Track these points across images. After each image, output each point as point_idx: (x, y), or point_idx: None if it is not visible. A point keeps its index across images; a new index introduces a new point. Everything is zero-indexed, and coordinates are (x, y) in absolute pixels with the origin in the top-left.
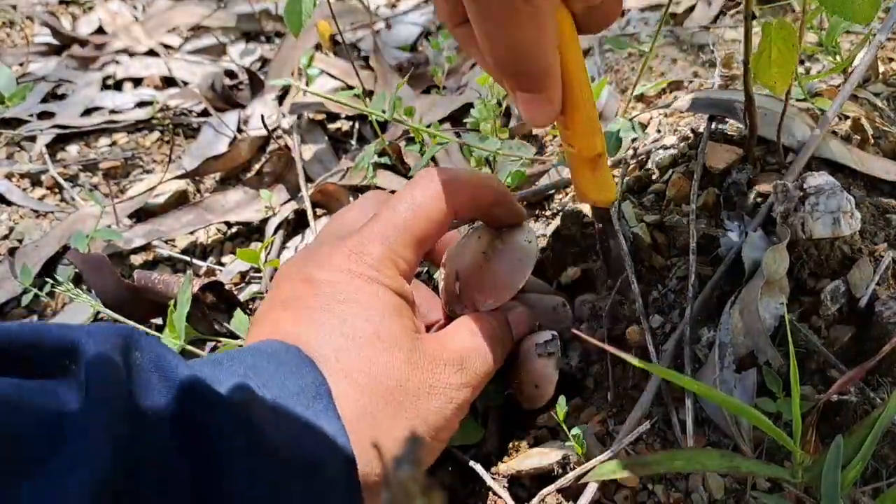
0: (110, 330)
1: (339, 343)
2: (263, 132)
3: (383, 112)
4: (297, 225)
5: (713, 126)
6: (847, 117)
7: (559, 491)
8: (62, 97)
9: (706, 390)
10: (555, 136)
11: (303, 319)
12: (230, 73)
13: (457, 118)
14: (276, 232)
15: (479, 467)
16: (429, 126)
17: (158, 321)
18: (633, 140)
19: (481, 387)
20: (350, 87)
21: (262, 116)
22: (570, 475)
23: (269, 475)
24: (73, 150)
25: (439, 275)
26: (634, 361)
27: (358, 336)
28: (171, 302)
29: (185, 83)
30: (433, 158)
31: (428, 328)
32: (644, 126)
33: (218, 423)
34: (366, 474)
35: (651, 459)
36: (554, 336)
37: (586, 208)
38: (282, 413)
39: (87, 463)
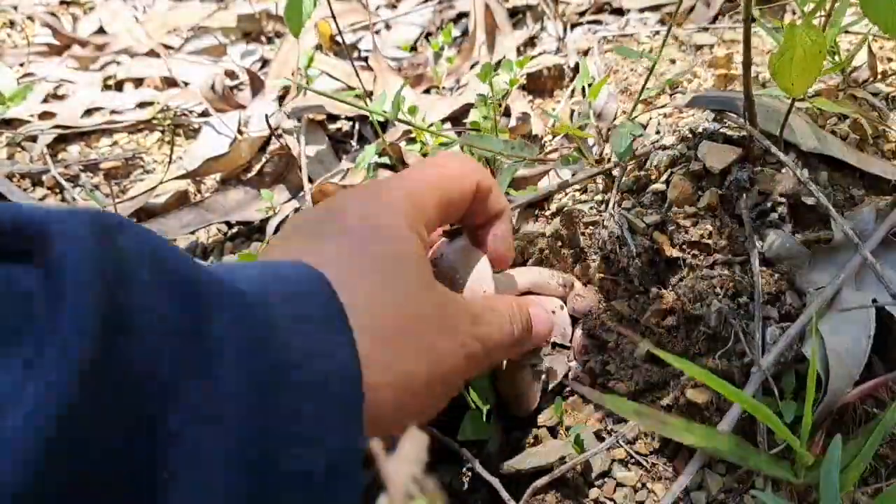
0: (86, 214)
1: (356, 264)
2: (264, 133)
3: (385, 112)
4: None
5: (713, 126)
6: (846, 117)
7: (559, 490)
8: (63, 97)
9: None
10: (554, 137)
11: (316, 240)
12: (231, 74)
13: (457, 118)
14: (276, 231)
15: (479, 466)
16: (430, 126)
17: None
18: (633, 139)
19: (491, 358)
20: (350, 88)
21: (267, 116)
22: (567, 465)
23: (263, 378)
24: (73, 150)
25: None
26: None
27: (377, 259)
28: None
29: (186, 84)
30: None
31: None
32: (643, 126)
33: (220, 326)
34: (371, 400)
35: (669, 419)
36: (538, 348)
37: (586, 209)
38: (288, 318)
39: (53, 366)
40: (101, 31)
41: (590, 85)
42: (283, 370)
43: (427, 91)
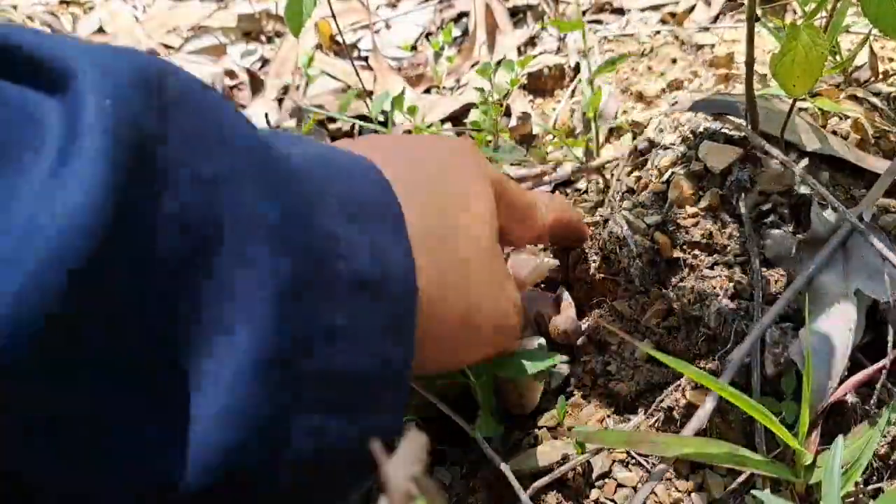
0: (121, 51)
1: (424, 189)
2: None
3: (384, 113)
4: None
5: (713, 126)
6: (847, 117)
7: (559, 490)
8: None
9: (721, 387)
10: (554, 136)
11: (390, 157)
12: (231, 74)
13: (458, 118)
14: None
15: (489, 449)
16: (429, 126)
17: None
18: (633, 139)
19: (510, 340)
20: (350, 88)
21: (266, 115)
22: (567, 466)
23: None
24: None
25: None
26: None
27: (447, 193)
28: None
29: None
30: None
31: None
32: (644, 126)
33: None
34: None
35: (661, 440)
36: (542, 345)
37: (586, 208)
38: (336, 206)
39: (76, 182)
40: (100, 30)
41: (592, 82)
42: (325, 258)
43: (427, 91)
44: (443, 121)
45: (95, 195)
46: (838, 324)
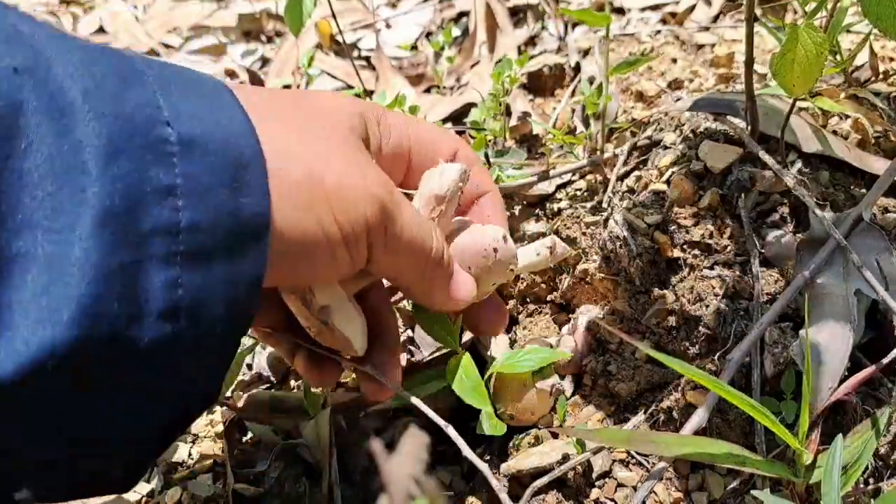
0: None
1: (264, 93)
2: None
3: None
4: None
5: (713, 126)
6: (847, 117)
7: (559, 490)
8: None
9: (721, 388)
10: (554, 136)
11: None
12: (231, 73)
13: (458, 118)
14: None
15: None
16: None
17: None
18: (633, 138)
19: (389, 244)
20: (350, 87)
21: None
22: (566, 466)
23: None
24: None
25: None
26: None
27: (303, 111)
28: None
29: None
30: None
31: None
32: (644, 125)
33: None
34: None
35: (661, 439)
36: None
37: (586, 208)
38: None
39: None
40: (101, 30)
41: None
42: (145, 123)
43: (427, 90)
44: (444, 120)
45: None
46: (838, 324)
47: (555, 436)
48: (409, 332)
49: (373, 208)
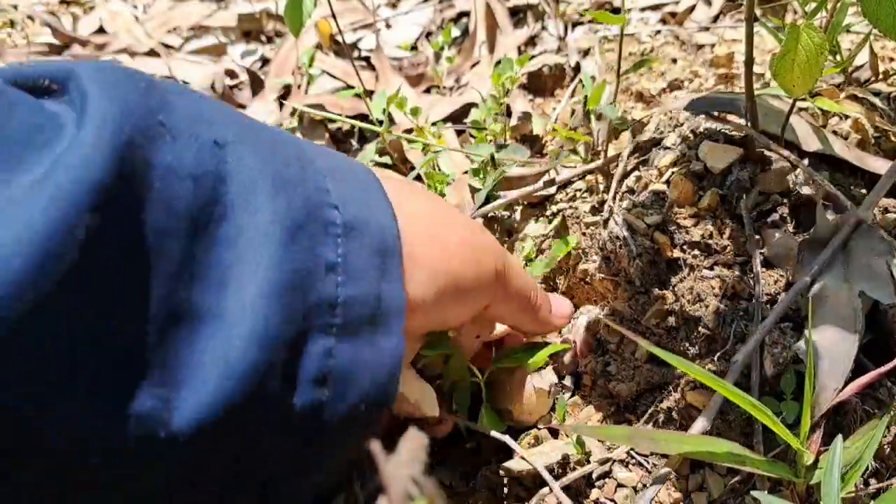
0: (120, 69)
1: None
2: None
3: (380, 123)
4: None
5: (713, 126)
6: (847, 117)
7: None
8: None
9: (724, 387)
10: (554, 137)
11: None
12: (231, 73)
13: (458, 118)
14: None
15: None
16: (433, 125)
17: None
18: (633, 137)
19: (509, 294)
20: (350, 87)
21: (264, 114)
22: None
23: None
24: None
25: None
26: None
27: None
28: None
29: (186, 83)
30: (435, 161)
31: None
32: (644, 125)
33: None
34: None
35: (662, 437)
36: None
37: (586, 208)
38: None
39: (78, 165)
40: (101, 30)
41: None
42: (319, 205)
43: (427, 90)
44: (444, 120)
45: (102, 153)
46: (842, 325)
47: (555, 435)
48: None
49: (496, 265)
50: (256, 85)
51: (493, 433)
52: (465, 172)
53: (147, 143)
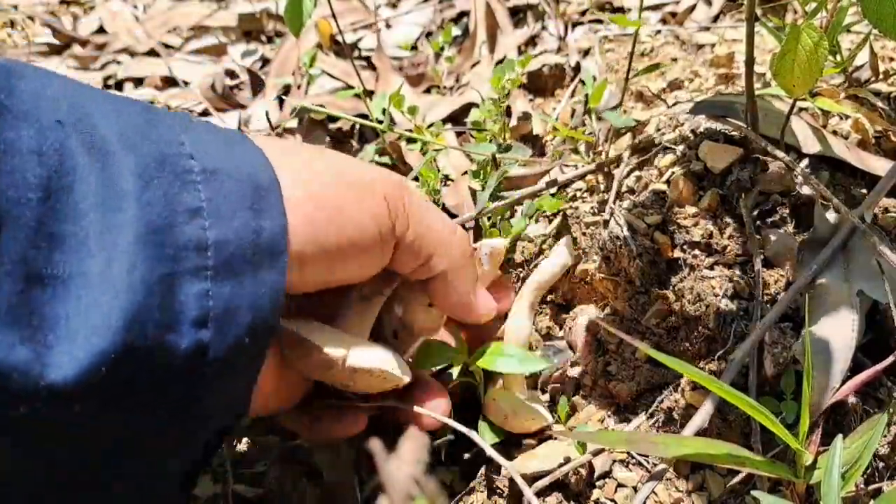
0: None
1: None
2: (264, 133)
3: (380, 122)
4: None
5: (713, 126)
6: (847, 117)
7: (560, 491)
8: None
9: (721, 388)
10: (554, 137)
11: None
12: (231, 73)
13: (458, 118)
14: None
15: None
16: (430, 126)
17: None
18: (633, 138)
19: (417, 254)
20: (350, 87)
21: (267, 113)
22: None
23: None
24: None
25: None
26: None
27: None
28: None
29: (186, 83)
30: (434, 160)
31: None
32: (644, 125)
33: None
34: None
35: (661, 440)
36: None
37: (586, 208)
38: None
39: None
40: (101, 30)
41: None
42: (172, 156)
43: (427, 90)
44: (443, 120)
45: None
46: (841, 324)
47: (555, 437)
48: None
49: (388, 186)
50: (256, 85)
51: (488, 450)
52: (465, 173)
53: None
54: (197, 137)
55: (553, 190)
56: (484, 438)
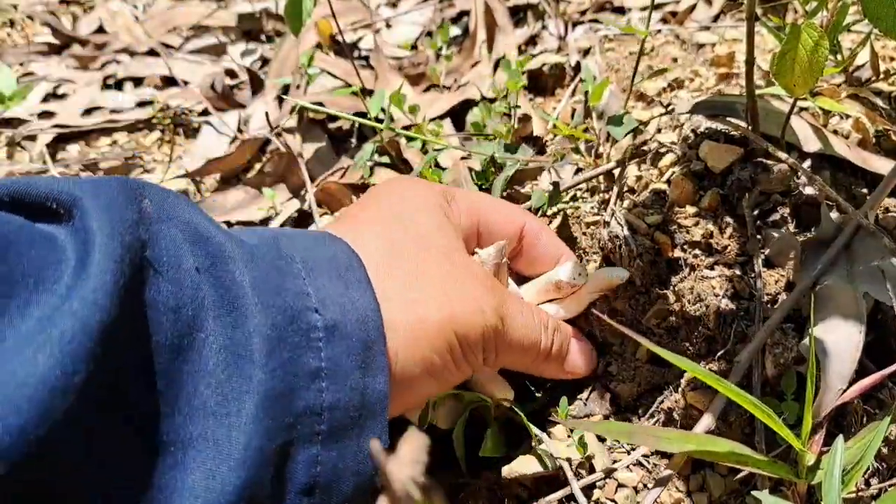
0: (111, 181)
1: (380, 237)
2: (264, 132)
3: (379, 121)
4: (299, 224)
5: (713, 126)
6: (848, 116)
7: (560, 491)
8: (63, 97)
9: (726, 387)
10: (554, 137)
11: (348, 221)
12: (230, 73)
13: (457, 114)
14: None
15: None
16: (431, 121)
17: None
18: (634, 139)
19: (511, 348)
20: (350, 87)
21: (267, 114)
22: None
23: (290, 338)
24: (73, 149)
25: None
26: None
27: (400, 230)
28: None
29: (186, 83)
30: (435, 160)
31: None
32: (644, 124)
33: (240, 279)
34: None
35: (663, 435)
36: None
37: (587, 208)
38: (315, 277)
39: (83, 302)
40: (100, 30)
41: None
42: (299, 312)
43: (427, 90)
44: (441, 117)
45: (106, 288)
46: (846, 325)
47: (556, 437)
48: None
49: (486, 325)
50: (256, 84)
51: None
52: (463, 158)
53: (137, 284)
54: (320, 285)
55: (549, 188)
56: (487, 452)
